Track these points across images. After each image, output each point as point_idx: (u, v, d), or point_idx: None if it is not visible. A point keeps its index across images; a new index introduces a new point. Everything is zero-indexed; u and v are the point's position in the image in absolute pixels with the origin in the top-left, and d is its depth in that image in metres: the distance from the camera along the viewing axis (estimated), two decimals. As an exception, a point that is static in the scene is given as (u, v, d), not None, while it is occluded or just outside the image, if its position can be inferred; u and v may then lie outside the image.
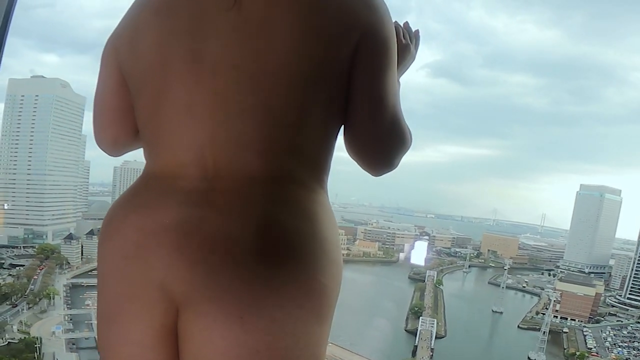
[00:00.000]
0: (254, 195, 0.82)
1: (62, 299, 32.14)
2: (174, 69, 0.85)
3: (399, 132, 0.94)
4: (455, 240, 46.86)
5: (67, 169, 37.71)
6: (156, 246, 0.79)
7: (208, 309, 0.77)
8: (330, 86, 0.87)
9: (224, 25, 0.84)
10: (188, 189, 0.82)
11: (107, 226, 0.89)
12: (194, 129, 0.83)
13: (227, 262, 0.77)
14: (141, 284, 0.81)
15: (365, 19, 0.87)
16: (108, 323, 0.88)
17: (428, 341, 32.60)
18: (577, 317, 35.13)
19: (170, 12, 0.88)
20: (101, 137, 1.06)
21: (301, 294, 0.79)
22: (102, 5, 72.87)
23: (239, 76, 0.83)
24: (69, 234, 35.81)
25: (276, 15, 0.83)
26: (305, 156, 0.88)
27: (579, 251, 41.36)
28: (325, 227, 0.85)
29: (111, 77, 0.98)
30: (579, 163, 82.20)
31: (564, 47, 77.55)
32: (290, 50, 0.83)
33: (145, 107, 0.91)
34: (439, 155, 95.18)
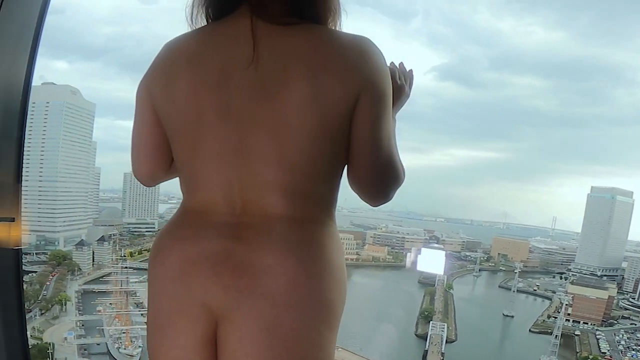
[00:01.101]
0: (273, 230, 0.99)
1: (74, 305, 32.40)
2: (207, 121, 1.00)
3: (393, 171, 1.09)
4: (465, 244, 46.63)
5: (78, 176, 38.08)
6: (197, 272, 0.99)
7: (241, 322, 0.97)
8: (336, 137, 1.02)
9: (245, 82, 0.98)
10: (220, 224, 1.01)
11: (156, 253, 1.07)
12: (224, 172, 1.01)
13: (254, 285, 0.96)
14: (186, 302, 1.00)
15: (366, 76, 1.01)
16: (159, 332, 1.06)
17: (439, 345, 32.44)
18: (590, 321, 34.82)
19: (201, 65, 1.02)
20: (139, 171, 1.21)
21: (314, 308, 0.99)
22: (110, 12, 73.81)
23: (259, 129, 0.98)
24: (81, 241, 36.10)
25: (289, 76, 0.97)
26: (317, 196, 1.04)
27: (591, 254, 40.99)
28: (333, 254, 1.03)
29: (146, 117, 1.12)
30: (590, 165, 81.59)
31: (572, 48, 77.23)
32: (301, 107, 0.96)
33: (183, 151, 1.07)
34: (448, 159, 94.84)
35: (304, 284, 0.97)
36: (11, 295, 1.87)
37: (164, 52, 1.10)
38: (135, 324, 30.87)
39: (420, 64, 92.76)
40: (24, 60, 1.83)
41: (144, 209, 43.85)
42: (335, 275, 1.02)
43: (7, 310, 1.87)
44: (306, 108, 0.97)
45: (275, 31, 1.00)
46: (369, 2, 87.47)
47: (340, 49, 1.00)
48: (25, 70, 1.84)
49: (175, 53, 1.07)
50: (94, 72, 71.38)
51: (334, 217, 1.08)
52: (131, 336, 29.60)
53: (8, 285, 1.88)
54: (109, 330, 29.74)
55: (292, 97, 0.96)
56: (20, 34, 1.82)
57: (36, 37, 1.85)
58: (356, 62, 1.00)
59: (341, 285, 1.03)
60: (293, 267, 0.97)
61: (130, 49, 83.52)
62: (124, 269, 34.50)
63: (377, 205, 1.14)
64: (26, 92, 1.83)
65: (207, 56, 1.02)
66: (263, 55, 0.98)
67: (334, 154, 1.04)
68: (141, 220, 43.52)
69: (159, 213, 45.24)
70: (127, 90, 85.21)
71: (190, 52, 1.05)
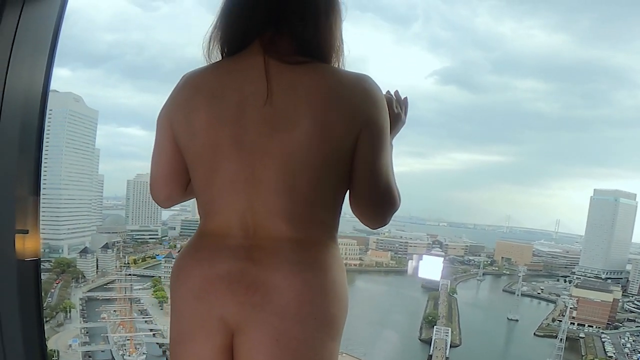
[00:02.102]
0: (282, 252, 1.10)
1: (78, 312, 32.41)
2: (223, 152, 1.10)
3: (391, 198, 1.19)
4: (468, 248, 46.50)
5: (81, 183, 38.18)
6: (215, 290, 1.10)
7: (253, 334, 1.08)
8: (339, 167, 1.13)
9: (258, 117, 1.08)
10: (234, 246, 1.11)
11: (178, 273, 1.18)
12: (237, 199, 1.10)
13: (265, 301, 1.07)
14: (207, 317, 1.12)
15: (367, 114, 1.12)
16: (182, 344, 1.18)
17: (443, 350, 32.32)
18: (595, 324, 34.64)
19: (219, 100, 1.11)
20: (157, 194, 1.32)
21: (318, 322, 1.10)
22: (112, 19, 74.19)
23: (269, 160, 1.08)
24: (85, 248, 36.15)
25: (298, 113, 1.07)
26: (320, 222, 1.15)
27: (595, 257, 40.83)
28: (335, 273, 1.14)
29: (166, 145, 1.22)
30: (592, 168, 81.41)
31: (573, 51, 77.25)
32: (308, 142, 1.07)
33: (201, 179, 1.17)
34: (450, 163, 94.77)
35: (310, 301, 1.08)
36: (30, 307, 1.91)
37: (183, 85, 1.19)
38: (140, 330, 30.87)
39: (421, 68, 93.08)
40: (42, 69, 1.86)
41: (147, 216, 43.90)
42: (337, 293, 1.13)
43: (27, 323, 1.90)
44: (313, 143, 1.07)
45: (286, 70, 1.10)
46: (369, 7, 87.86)
47: (344, 89, 1.11)
48: (43, 79, 1.87)
49: (194, 87, 1.16)
50: (96, 80, 71.76)
51: (336, 239, 1.19)
52: (135, 343, 29.57)
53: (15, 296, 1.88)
54: (114, 337, 29.73)
55: (300, 133, 1.06)
56: (38, 44, 1.84)
57: (53, 46, 1.87)
58: (358, 101, 1.11)
59: (343, 302, 1.15)
60: (299, 286, 1.08)
61: (132, 55, 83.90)
62: (127, 276, 34.53)
63: (376, 228, 1.25)
64: (44, 101, 1.86)
65: (224, 92, 1.12)
66: (275, 93, 1.08)
67: (337, 183, 1.15)
68: (144, 228, 43.58)
69: (162, 220, 45.31)
70: (129, 97, 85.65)
71: (209, 87, 1.14)
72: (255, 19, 1.14)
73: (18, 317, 1.88)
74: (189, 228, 44.86)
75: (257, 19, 1.14)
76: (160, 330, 31.63)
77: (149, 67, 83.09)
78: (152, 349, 30.37)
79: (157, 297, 35.74)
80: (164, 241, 44.27)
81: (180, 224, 45.64)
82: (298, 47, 1.13)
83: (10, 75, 1.74)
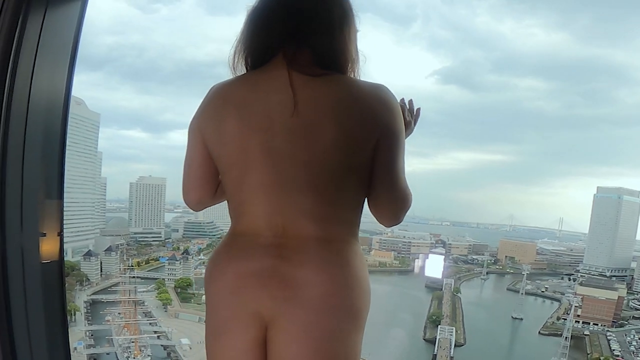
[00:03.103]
0: (309, 249, 1.18)
1: (82, 315, 32.46)
2: (252, 158, 1.18)
3: (406, 198, 1.28)
4: (471, 247, 46.48)
5: (84, 186, 38.25)
6: (249, 286, 1.18)
7: (286, 326, 1.16)
8: (360, 170, 1.21)
9: (285, 125, 1.16)
10: (265, 245, 1.18)
11: (213, 269, 1.26)
12: (267, 201, 1.19)
13: (295, 295, 1.15)
14: (241, 311, 1.19)
15: (384, 122, 1.21)
16: (218, 336, 1.25)
17: (447, 350, 32.30)
18: (600, 322, 34.59)
19: (247, 109, 1.20)
20: (189, 198, 1.40)
21: (344, 314, 1.18)
22: (111, 21, 74.30)
23: (295, 164, 1.17)
24: (88, 251, 36.21)
25: (322, 122, 1.16)
26: (343, 220, 1.23)
27: (599, 254, 40.77)
28: (358, 268, 1.22)
29: (197, 152, 1.30)
30: (595, 166, 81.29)
31: (573, 50, 77.19)
32: (331, 146, 1.15)
33: (232, 183, 1.25)
34: (452, 163, 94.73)
35: (336, 294, 1.17)
36: (54, 306, 1.92)
37: (212, 96, 1.27)
38: (144, 333, 30.90)
39: (421, 68, 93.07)
40: (64, 75, 1.86)
41: (151, 219, 43.98)
42: (361, 286, 1.21)
43: (51, 322, 1.93)
44: (336, 148, 1.16)
45: (308, 81, 1.19)
46: (369, 7, 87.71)
47: (364, 99, 1.20)
48: (65, 85, 1.87)
49: (223, 98, 1.25)
50: (97, 82, 71.85)
51: (357, 236, 1.27)
52: (140, 345, 29.62)
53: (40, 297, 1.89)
54: (118, 339, 29.77)
55: (324, 139, 1.15)
56: (60, 49, 1.85)
57: (74, 52, 1.87)
58: (376, 110, 1.20)
59: (366, 295, 1.23)
60: (326, 281, 1.16)
61: (133, 58, 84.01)
62: (131, 278, 34.58)
63: (392, 225, 1.34)
64: (66, 107, 1.86)
65: (251, 102, 1.20)
66: (300, 103, 1.16)
67: (358, 185, 1.23)
68: (148, 230, 43.66)
69: (165, 222, 45.37)
70: (130, 99, 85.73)
71: (237, 97, 1.23)
72: (275, 34, 1.23)
73: (43, 317, 1.89)
74: (192, 230, 44.95)
75: (277, 35, 1.22)
76: (165, 332, 31.68)
77: (149, 69, 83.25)
78: (156, 350, 30.42)
79: (160, 299, 35.81)
80: (167, 243, 44.37)
81: (184, 226, 45.74)
82: (317, 60, 1.22)
83: (35, 81, 1.75)
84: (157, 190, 44.51)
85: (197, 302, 36.20)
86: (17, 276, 1.79)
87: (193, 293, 37.40)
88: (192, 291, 37.60)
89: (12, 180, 1.75)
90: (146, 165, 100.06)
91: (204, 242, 43.84)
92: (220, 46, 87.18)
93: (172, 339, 31.13)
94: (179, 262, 39.23)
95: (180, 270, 38.84)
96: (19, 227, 1.78)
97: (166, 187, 45.18)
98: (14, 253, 1.77)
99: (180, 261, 39.34)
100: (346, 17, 1.26)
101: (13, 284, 1.77)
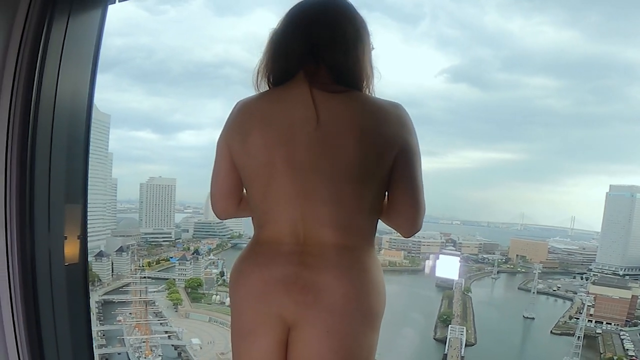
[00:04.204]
0: (329, 256, 1.25)
1: (94, 315, 32.67)
2: (276, 169, 1.25)
3: (423, 207, 1.36)
4: (482, 246, 46.11)
5: (95, 187, 38.44)
6: (273, 291, 1.25)
7: (308, 328, 1.24)
8: (378, 182, 1.29)
9: (307, 138, 1.24)
10: (288, 252, 1.26)
11: (237, 277, 1.34)
12: (290, 211, 1.26)
13: (317, 300, 1.23)
14: (266, 314, 1.27)
15: (402, 136, 1.30)
16: (244, 338, 1.33)
17: (458, 349, 32.13)
18: (613, 321, 34.17)
19: (271, 124, 1.27)
20: (215, 208, 1.49)
21: (362, 317, 1.26)
22: (121, 23, 74.73)
23: (317, 176, 1.24)
24: (100, 252, 36.45)
25: (342, 136, 1.24)
26: (362, 229, 1.30)
27: (612, 253, 40.27)
28: (375, 274, 1.30)
29: (224, 165, 1.39)
30: (607, 164, 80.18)
31: (583, 47, 76.21)
32: (351, 160, 1.24)
33: (256, 193, 1.32)
34: (462, 161, 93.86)
35: (355, 298, 1.25)
36: (79, 306, 1.99)
37: (238, 111, 1.36)
38: (155, 333, 31.07)
39: (430, 66, 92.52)
40: (87, 79, 1.92)
41: (161, 219, 44.17)
42: (378, 290, 1.30)
43: (76, 321, 1.99)
44: (356, 161, 1.24)
45: (328, 98, 1.27)
46: (377, 7, 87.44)
47: (383, 116, 1.29)
48: (88, 89, 1.92)
49: (249, 113, 1.34)
50: (107, 84, 72.23)
51: (374, 244, 1.36)
52: (151, 345, 29.77)
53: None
54: (130, 339, 29.94)
55: (346, 153, 1.23)
56: (83, 55, 1.91)
57: (96, 56, 1.94)
58: (395, 126, 1.29)
59: (382, 298, 1.31)
60: (346, 286, 1.24)
61: (142, 59, 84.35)
62: (142, 278, 34.77)
63: (410, 235, 1.41)
64: (89, 111, 1.93)
65: (275, 117, 1.28)
66: (322, 118, 1.25)
67: (376, 196, 1.31)
68: (158, 230, 43.86)
69: (175, 223, 45.56)
70: (140, 100, 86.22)
71: (262, 113, 1.31)
72: (295, 54, 1.31)
73: (67, 317, 1.97)
74: (202, 230, 45.10)
75: (296, 55, 1.31)
76: (175, 332, 31.83)
77: (158, 71, 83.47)
78: (167, 350, 30.57)
79: (171, 300, 35.97)
80: (177, 244, 44.51)
81: (194, 227, 45.87)
82: (335, 77, 1.31)
83: (60, 87, 1.82)
84: (167, 190, 44.70)
85: (207, 302, 36.35)
86: (45, 277, 1.86)
87: (203, 293, 37.53)
88: (202, 291, 37.73)
89: (40, 184, 1.82)
90: (156, 166, 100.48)
91: (214, 242, 43.93)
92: (227, 47, 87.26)
93: (182, 339, 31.26)
94: (189, 262, 39.36)
95: (190, 270, 38.97)
96: (47, 229, 1.85)
97: (176, 188, 45.41)
98: (42, 255, 1.85)
99: (191, 261, 39.47)
100: (360, 36, 1.35)
101: (41, 284, 1.84)
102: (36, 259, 1.82)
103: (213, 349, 29.78)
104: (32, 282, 1.81)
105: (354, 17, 1.35)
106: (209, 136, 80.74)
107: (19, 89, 1.75)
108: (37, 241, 1.83)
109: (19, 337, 1.81)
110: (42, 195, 1.84)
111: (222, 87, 78.09)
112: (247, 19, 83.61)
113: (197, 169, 67.98)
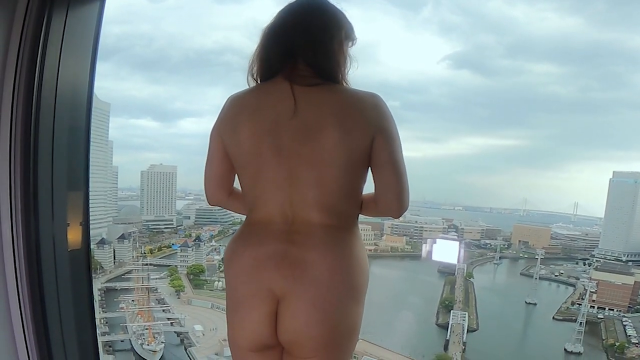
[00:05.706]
0: (315, 235, 1.37)
1: (97, 302, 32.84)
2: (265, 158, 1.38)
3: (407, 186, 1.44)
4: (484, 232, 46.13)
5: (96, 175, 38.43)
6: (264, 267, 1.37)
7: (295, 301, 1.35)
8: (358, 166, 1.40)
9: (290, 127, 1.37)
10: (277, 232, 1.38)
11: (231, 255, 1.45)
12: (279, 194, 1.38)
13: (304, 274, 1.35)
14: (257, 288, 1.38)
15: (378, 122, 1.41)
16: (237, 310, 1.43)
17: (460, 335, 32.27)
18: (616, 307, 34.23)
19: (259, 116, 1.41)
20: (207, 194, 1.60)
21: (346, 290, 1.38)
22: (119, 11, 74.04)
23: (302, 162, 1.36)
24: (102, 239, 36.58)
25: (321, 124, 1.36)
26: (345, 210, 1.42)
27: (615, 239, 40.23)
28: (358, 250, 1.42)
29: (217, 155, 1.51)
30: (611, 150, 79.82)
31: (588, 34, 75.19)
32: (333, 146, 1.35)
33: (248, 180, 1.45)
34: (465, 147, 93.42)
35: (339, 272, 1.36)
36: (82, 290, 2.09)
37: (229, 104, 1.48)
38: (158, 319, 31.24)
39: (432, 53, 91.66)
40: (86, 71, 1.97)
41: (162, 206, 44.26)
42: (360, 266, 1.41)
43: (79, 305, 2.09)
44: (336, 147, 1.35)
45: (307, 91, 1.39)
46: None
47: (359, 104, 1.41)
48: (88, 80, 1.97)
49: (239, 106, 1.47)
50: (107, 72, 71.74)
51: (357, 223, 1.48)
52: (154, 332, 29.94)
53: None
54: (132, 326, 30.12)
55: (326, 139, 1.35)
56: (82, 46, 1.97)
57: (95, 48, 1.99)
58: (370, 113, 1.40)
59: (365, 273, 1.43)
60: (331, 261, 1.36)
61: (141, 47, 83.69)
62: (144, 265, 34.88)
63: (399, 215, 1.47)
64: (89, 101, 1.99)
65: (262, 110, 1.42)
66: (302, 109, 1.37)
67: (357, 178, 1.43)
68: (159, 217, 43.96)
69: (176, 210, 45.63)
70: (140, 89, 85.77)
71: (250, 106, 1.44)
72: (277, 54, 1.45)
73: (71, 298, 2.04)
74: (204, 217, 45.17)
75: (279, 54, 1.44)
76: (178, 319, 32.01)
77: (158, 59, 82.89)
78: (170, 337, 30.76)
79: (173, 286, 36.15)
80: (179, 230, 44.66)
81: (195, 213, 45.98)
82: (314, 73, 1.42)
83: (61, 77, 1.88)
84: (168, 178, 44.71)
85: (210, 289, 36.50)
86: (50, 262, 1.93)
87: (205, 279, 37.70)
88: (204, 278, 37.91)
89: (43, 173, 1.90)
90: (157, 154, 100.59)
91: (216, 228, 44.08)
92: (228, 33, 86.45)
93: (185, 326, 31.46)
94: (191, 249, 39.54)
95: (192, 257, 39.15)
96: (50, 216, 1.94)
97: (177, 175, 45.41)
98: (47, 241, 1.93)
99: (192, 248, 39.64)
100: (332, 30, 1.46)
101: (45, 269, 1.91)
102: (41, 245, 1.89)
103: (215, 335, 29.90)
104: (37, 267, 1.89)
105: (328, 18, 1.47)
106: (210, 124, 78.72)
107: (21, 81, 1.83)
108: (42, 228, 1.89)
109: (25, 320, 1.90)
110: (46, 183, 1.90)
111: (223, 75, 77.18)
112: (248, 6, 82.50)
113: (198, 156, 67.10)
